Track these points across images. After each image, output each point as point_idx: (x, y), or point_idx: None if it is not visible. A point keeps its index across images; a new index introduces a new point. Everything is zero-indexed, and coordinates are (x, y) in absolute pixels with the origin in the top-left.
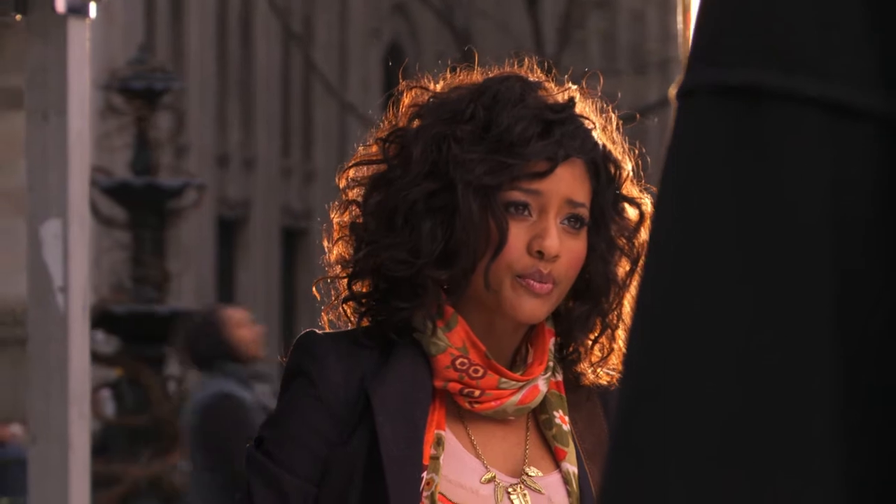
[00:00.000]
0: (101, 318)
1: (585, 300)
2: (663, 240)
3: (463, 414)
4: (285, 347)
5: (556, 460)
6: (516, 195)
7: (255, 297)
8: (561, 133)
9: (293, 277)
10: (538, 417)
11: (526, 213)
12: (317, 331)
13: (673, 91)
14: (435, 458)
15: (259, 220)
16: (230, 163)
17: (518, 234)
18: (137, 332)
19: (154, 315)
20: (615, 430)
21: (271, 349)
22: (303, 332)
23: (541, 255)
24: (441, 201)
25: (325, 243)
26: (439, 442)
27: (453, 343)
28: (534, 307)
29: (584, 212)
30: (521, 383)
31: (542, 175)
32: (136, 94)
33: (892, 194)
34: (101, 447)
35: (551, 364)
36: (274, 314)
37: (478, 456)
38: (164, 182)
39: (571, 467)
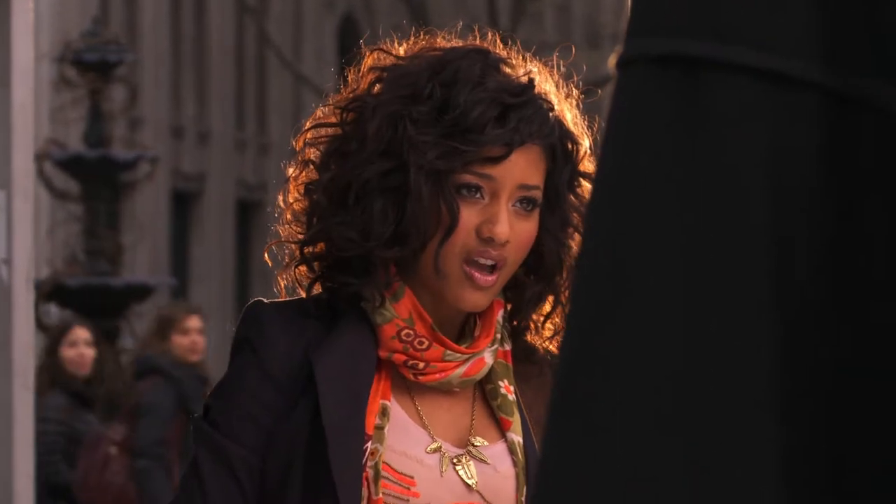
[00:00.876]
0: (54, 292)
1: (539, 278)
2: (604, 204)
3: (410, 385)
4: (236, 317)
5: (502, 430)
6: (469, 178)
7: (209, 271)
8: (518, 118)
9: (248, 251)
10: (484, 388)
11: (478, 195)
12: (264, 300)
13: (613, 61)
14: (380, 428)
15: (214, 193)
16: (184, 136)
17: (469, 217)
18: (91, 305)
19: (108, 288)
20: (555, 394)
21: (226, 322)
22: (250, 302)
23: (490, 239)
24: (394, 181)
25: (280, 203)
26: (384, 412)
27: (399, 314)
28: (476, 299)
29: (537, 194)
30: (466, 356)
31: (496, 160)
32: (89, 66)
33: (833, 162)
34: None
35: (498, 336)
36: (228, 288)
37: (424, 426)
38: (117, 154)
39: (516, 437)
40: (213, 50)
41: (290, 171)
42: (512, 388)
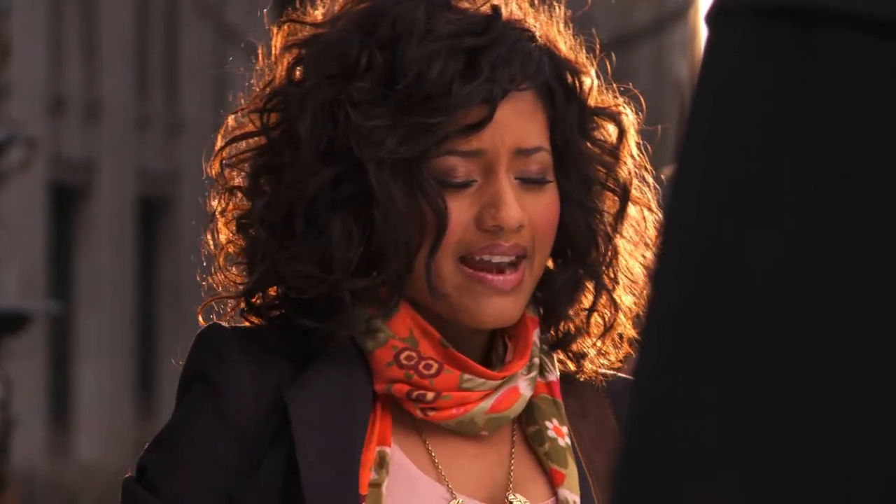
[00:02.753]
0: None
1: (568, 260)
2: (695, 196)
3: (420, 425)
4: (139, 353)
5: (553, 485)
6: (449, 160)
7: (100, 289)
8: (491, 63)
9: (152, 261)
10: (526, 430)
11: (469, 181)
12: (223, 324)
13: (695, 8)
14: (376, 486)
15: (106, 187)
16: (68, 109)
17: (461, 209)
18: None
19: None
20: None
21: (123, 355)
22: (204, 327)
23: (499, 228)
24: (349, 189)
25: (210, 245)
26: (382, 462)
27: (397, 332)
28: (499, 308)
29: (544, 157)
30: (493, 382)
31: (478, 127)
32: None
33: None
34: None
35: (536, 361)
36: (126, 310)
37: (439, 478)
38: None
39: (572, 495)
40: None
41: (214, 203)
42: (564, 431)
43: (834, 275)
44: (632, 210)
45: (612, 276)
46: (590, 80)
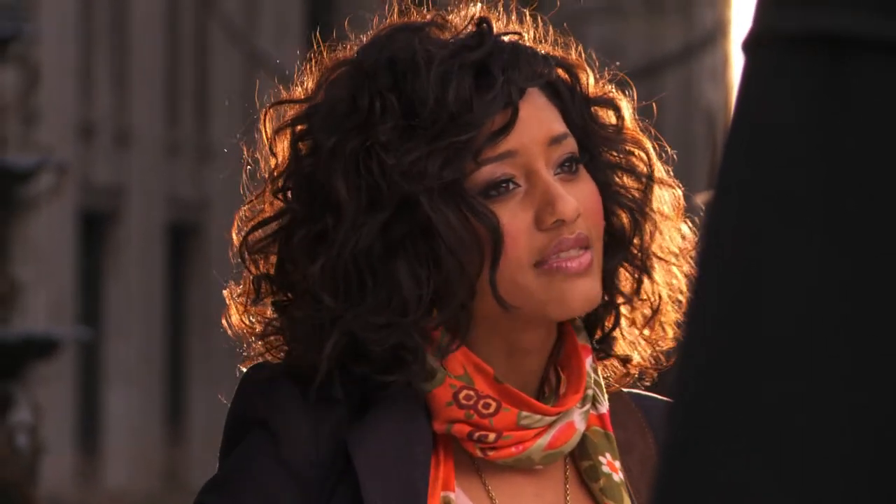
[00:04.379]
0: None
1: (610, 250)
2: (731, 221)
3: (479, 464)
4: (168, 379)
5: None
6: (488, 170)
7: (129, 315)
8: (500, 69)
9: (181, 288)
10: (578, 465)
11: (510, 185)
12: (271, 362)
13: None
14: None
15: (136, 213)
16: (97, 135)
17: (515, 218)
18: None
19: None
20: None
21: (151, 381)
22: (252, 366)
23: (560, 223)
24: (400, 231)
25: (224, 325)
26: None
27: (451, 370)
28: (583, 288)
29: (572, 143)
30: (549, 418)
31: (506, 129)
32: None
33: None
34: None
35: (590, 392)
36: (155, 336)
37: None
38: (10, 160)
39: None
40: (135, 20)
41: (226, 293)
42: (617, 466)
43: (859, 287)
44: (658, 195)
45: (650, 260)
46: (586, 75)
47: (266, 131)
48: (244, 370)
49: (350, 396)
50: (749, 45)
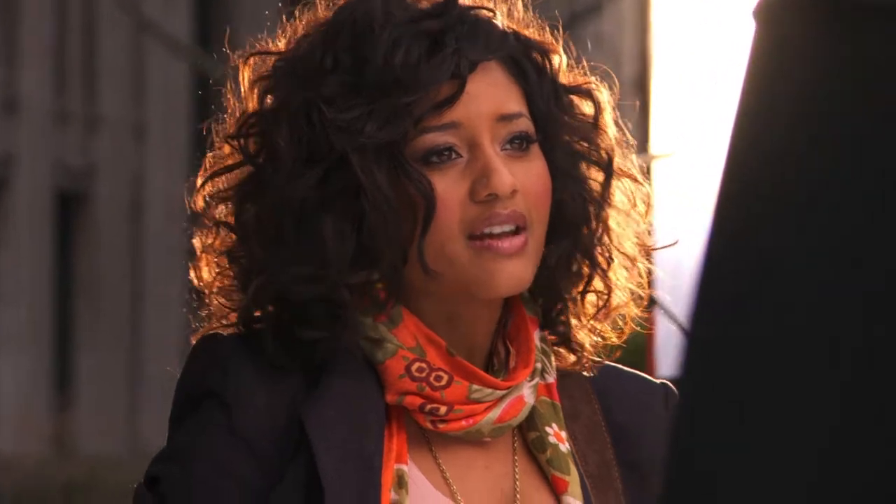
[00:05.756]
0: None
1: (560, 236)
2: (747, 210)
3: (428, 436)
4: (56, 347)
5: (556, 493)
6: (430, 137)
7: (18, 283)
8: (455, 39)
9: (70, 257)
10: (526, 436)
11: (451, 154)
12: (223, 333)
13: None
14: None
15: (24, 181)
16: None
17: (451, 187)
18: None
19: None
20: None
21: (40, 348)
22: (204, 336)
23: (493, 197)
24: (335, 187)
25: (192, 275)
26: (401, 482)
27: (404, 342)
28: (512, 271)
29: (526, 123)
30: (500, 392)
31: (451, 101)
32: None
33: None
34: None
35: (539, 366)
36: (44, 305)
37: (453, 496)
38: None
39: (575, 502)
40: None
41: (196, 242)
42: (564, 436)
43: (866, 270)
44: (618, 185)
45: (604, 252)
46: (559, 58)
47: (244, 83)
48: (195, 341)
49: (304, 368)
50: (760, 14)
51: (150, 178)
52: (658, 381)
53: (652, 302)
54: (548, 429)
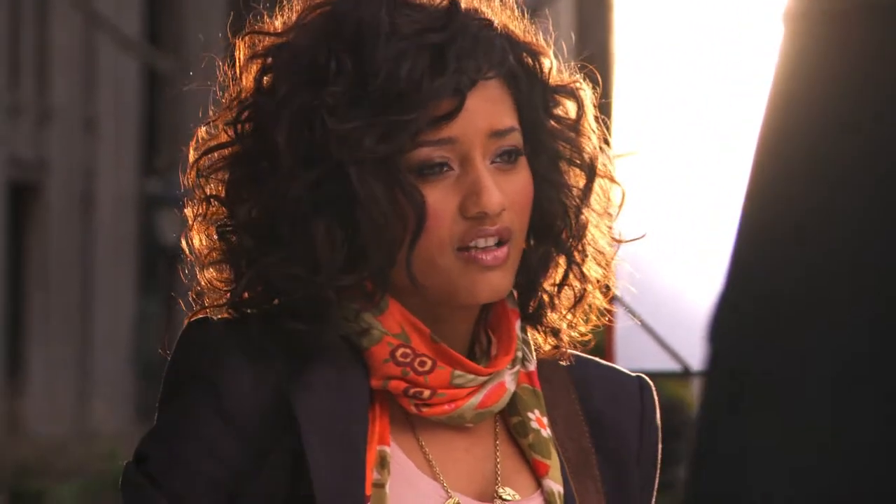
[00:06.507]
0: None
1: (541, 237)
2: (779, 188)
3: (413, 420)
4: (10, 332)
5: (537, 476)
6: (425, 152)
7: None
8: (456, 56)
9: (21, 244)
10: (508, 421)
11: (444, 168)
12: (213, 318)
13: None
14: (379, 486)
15: None
16: None
17: (442, 200)
18: None
19: None
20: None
21: None
22: (193, 320)
23: (482, 214)
24: (330, 192)
25: (185, 250)
26: (384, 462)
27: (389, 329)
28: (493, 281)
29: (516, 138)
30: (481, 378)
31: (450, 117)
32: None
33: None
34: None
35: (519, 354)
36: None
37: (435, 476)
38: None
39: (556, 486)
40: None
41: (188, 211)
42: (545, 422)
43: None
44: (602, 188)
45: (581, 249)
46: (549, 61)
47: (238, 59)
48: (185, 324)
49: (288, 351)
50: (790, 17)
51: (101, 171)
52: (633, 373)
53: (613, 297)
54: (530, 414)
